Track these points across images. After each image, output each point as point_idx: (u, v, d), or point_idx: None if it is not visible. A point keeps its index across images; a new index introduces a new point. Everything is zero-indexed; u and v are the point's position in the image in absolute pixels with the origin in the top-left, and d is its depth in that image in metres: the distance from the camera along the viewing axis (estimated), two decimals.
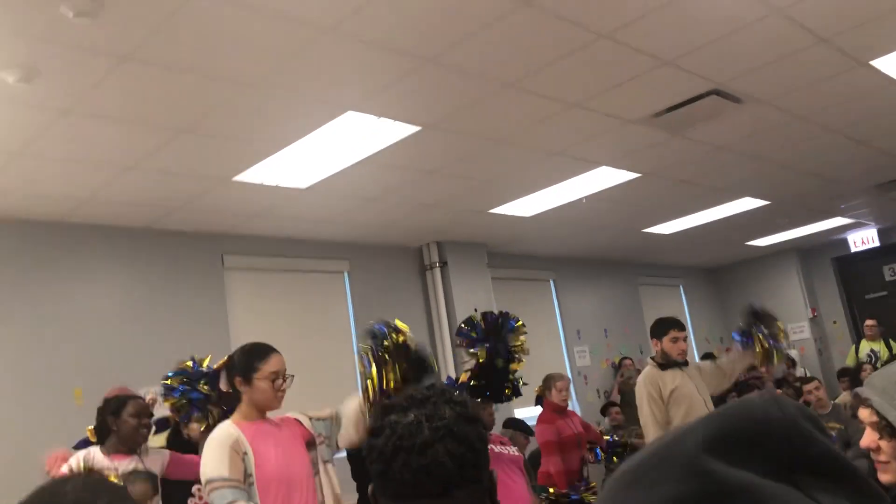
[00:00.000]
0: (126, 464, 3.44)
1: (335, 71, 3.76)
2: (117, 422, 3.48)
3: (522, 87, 4.23)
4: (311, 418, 2.93)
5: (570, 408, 5.76)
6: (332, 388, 6.59)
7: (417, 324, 7.45)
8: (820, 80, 4.73)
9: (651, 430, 4.27)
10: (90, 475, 1.26)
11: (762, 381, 9.62)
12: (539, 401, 5.65)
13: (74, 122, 3.89)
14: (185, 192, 5.15)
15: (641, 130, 5.17)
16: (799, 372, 9.83)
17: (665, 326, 4.48)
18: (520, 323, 3.79)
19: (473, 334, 3.68)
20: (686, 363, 4.52)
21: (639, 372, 8.89)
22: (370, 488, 1.27)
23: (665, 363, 4.37)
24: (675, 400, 4.23)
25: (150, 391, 4.09)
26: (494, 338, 3.71)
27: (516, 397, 3.85)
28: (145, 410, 3.62)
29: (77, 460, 3.41)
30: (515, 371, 3.76)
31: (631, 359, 9.07)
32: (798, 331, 10.81)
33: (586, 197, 6.56)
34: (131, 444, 3.49)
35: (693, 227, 8.43)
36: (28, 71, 3.30)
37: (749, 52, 4.18)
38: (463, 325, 3.77)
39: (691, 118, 4.99)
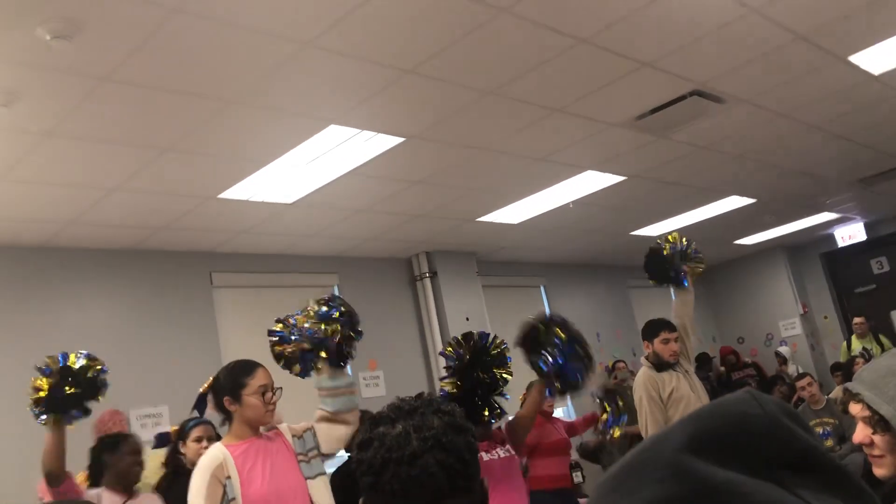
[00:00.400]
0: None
1: (316, 85, 3.76)
2: (114, 458, 3.46)
3: (504, 94, 4.24)
4: (292, 436, 2.91)
5: (563, 413, 5.75)
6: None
7: (409, 334, 7.43)
8: (800, 78, 4.76)
9: (651, 431, 4.27)
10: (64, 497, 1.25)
11: (752, 379, 9.67)
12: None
13: (56, 145, 3.87)
14: (171, 211, 5.12)
15: (625, 133, 5.18)
16: (791, 369, 9.86)
17: (656, 328, 4.50)
18: (498, 340, 3.67)
19: (458, 361, 3.54)
20: (678, 363, 4.53)
21: (633, 374, 8.91)
22: (361, 502, 1.26)
23: (658, 364, 4.38)
24: (673, 401, 4.24)
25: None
26: (477, 360, 3.58)
27: (497, 419, 3.71)
28: (139, 449, 3.61)
29: None
30: (499, 390, 3.62)
31: (624, 361, 9.07)
32: (790, 327, 10.85)
33: (573, 202, 6.57)
34: (126, 483, 3.47)
35: (681, 228, 8.44)
36: (7, 95, 3.28)
37: (728, 52, 4.21)
38: (449, 349, 3.62)
39: (674, 120, 5.01)
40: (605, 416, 4.38)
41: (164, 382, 5.61)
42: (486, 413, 3.50)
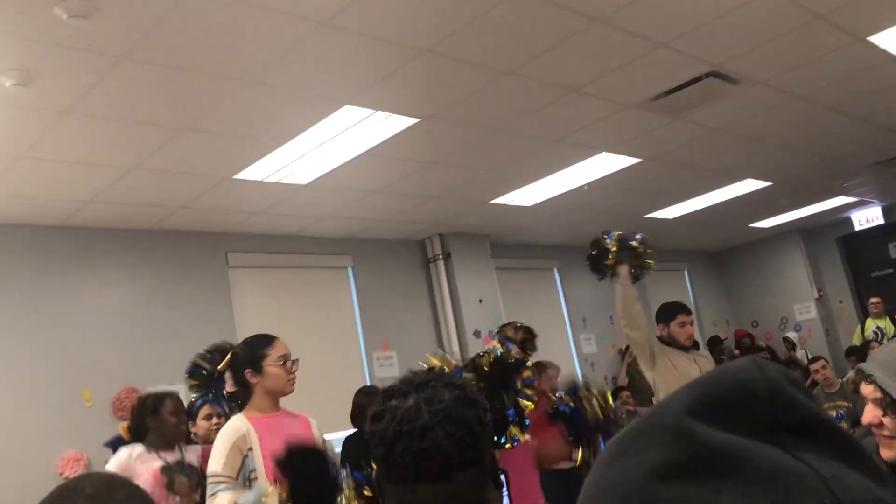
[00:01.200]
0: (170, 458, 3.48)
1: (331, 65, 3.77)
2: (156, 420, 3.49)
3: (519, 75, 4.23)
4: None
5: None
6: (338, 382, 6.62)
7: (422, 317, 7.47)
8: (818, 58, 4.72)
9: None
10: (106, 473, 1.30)
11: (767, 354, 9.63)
12: None
13: (74, 124, 3.90)
14: (187, 191, 5.16)
15: (640, 115, 5.16)
16: (800, 354, 9.83)
17: (672, 311, 4.46)
18: (529, 364, 3.63)
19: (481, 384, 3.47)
20: (697, 346, 4.50)
21: None
22: (374, 472, 1.28)
23: (671, 346, 4.37)
24: (677, 383, 4.23)
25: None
26: (503, 386, 3.53)
27: (511, 445, 3.54)
28: (182, 407, 3.62)
29: (119, 458, 3.43)
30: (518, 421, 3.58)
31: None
32: (804, 311, 10.80)
33: (588, 184, 6.56)
34: (172, 441, 3.52)
35: (695, 211, 8.42)
36: (26, 74, 3.31)
37: (745, 33, 4.17)
38: (469, 376, 3.45)
39: (689, 101, 4.98)
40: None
41: (179, 361, 5.65)
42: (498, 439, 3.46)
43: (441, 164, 5.51)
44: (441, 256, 7.48)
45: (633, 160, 6.16)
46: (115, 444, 3.62)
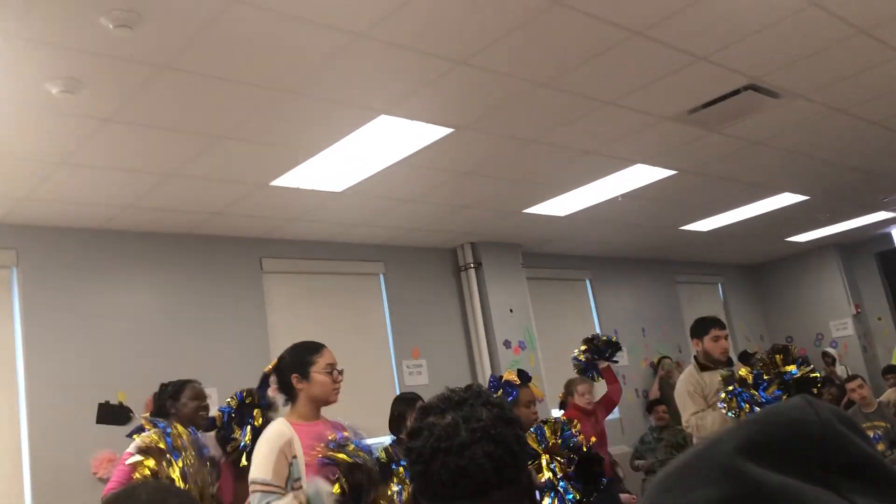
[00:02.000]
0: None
1: (367, 76, 3.79)
2: (176, 405, 3.49)
3: (555, 87, 4.22)
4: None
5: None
6: (369, 388, 6.64)
7: (453, 325, 7.47)
8: (859, 72, 4.64)
9: (693, 426, 4.22)
10: (160, 481, 1.31)
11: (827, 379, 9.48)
12: (562, 406, 5.61)
13: (115, 131, 3.97)
14: (224, 197, 5.23)
15: (676, 127, 5.12)
16: (839, 370, 9.65)
17: (706, 325, 4.42)
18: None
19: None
20: (731, 361, 4.46)
21: (679, 368, 8.83)
22: (411, 488, 1.28)
23: (707, 363, 4.32)
24: (714, 403, 4.18)
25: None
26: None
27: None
28: (202, 395, 3.61)
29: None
30: None
31: (670, 357, 8.99)
32: (841, 327, 10.61)
33: (622, 195, 6.52)
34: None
35: (731, 224, 8.32)
36: (71, 82, 3.38)
37: (786, 46, 4.13)
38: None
39: (727, 114, 4.93)
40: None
41: (213, 365, 5.74)
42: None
43: (475, 174, 5.52)
44: (472, 265, 7.48)
45: (668, 172, 6.11)
46: (137, 434, 3.63)
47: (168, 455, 2.71)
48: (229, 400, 3.80)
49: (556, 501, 3.46)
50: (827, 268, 10.76)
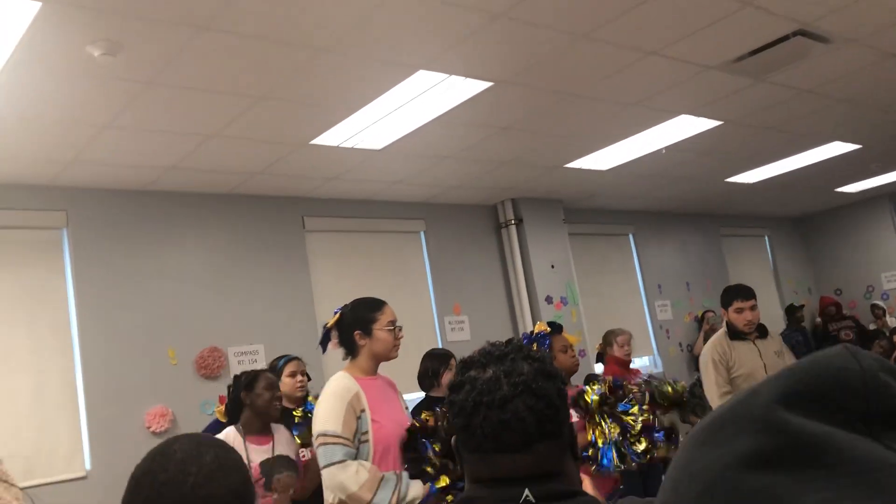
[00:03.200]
0: (264, 451, 3.35)
1: (405, 31, 3.75)
2: (251, 396, 3.42)
3: (597, 38, 4.13)
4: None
5: (649, 362, 5.60)
6: (410, 345, 6.71)
7: (494, 282, 7.47)
8: None
9: (715, 398, 4.06)
10: (195, 434, 1.35)
11: (851, 332, 9.32)
12: (600, 358, 5.55)
13: (157, 93, 4.01)
14: (265, 157, 5.26)
15: (722, 76, 4.99)
16: (890, 322, 9.47)
17: (730, 296, 4.24)
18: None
19: None
20: (763, 330, 4.25)
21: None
22: (453, 441, 1.30)
23: (734, 332, 4.18)
24: (736, 375, 4.03)
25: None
26: None
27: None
28: (276, 385, 3.57)
29: None
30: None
31: (713, 311, 8.91)
32: (893, 279, 10.37)
33: (666, 148, 6.40)
34: (265, 419, 3.43)
35: (779, 175, 8.13)
36: (112, 45, 3.41)
37: None
38: None
39: (775, 61, 4.78)
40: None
41: (259, 322, 5.85)
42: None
43: (514, 129, 5.46)
44: (513, 221, 7.45)
45: (713, 123, 5.98)
46: (213, 430, 3.58)
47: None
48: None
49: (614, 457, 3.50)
50: (878, 219, 10.49)
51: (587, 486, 2.06)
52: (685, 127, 5.97)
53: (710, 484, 0.45)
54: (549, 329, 3.96)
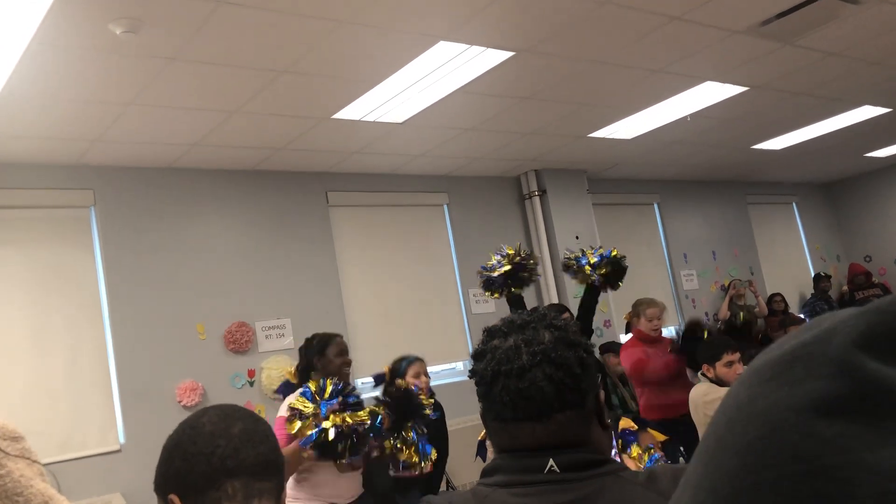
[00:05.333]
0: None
1: (425, 1, 3.72)
2: (322, 360, 3.51)
3: (619, 3, 4.07)
4: None
5: (674, 332, 5.46)
6: (435, 318, 6.74)
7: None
8: None
9: None
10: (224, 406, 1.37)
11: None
12: (629, 328, 5.43)
13: (179, 70, 4.02)
14: (288, 132, 5.27)
15: (748, 41, 4.90)
16: None
17: (716, 350, 3.99)
18: None
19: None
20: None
21: (753, 287, 8.62)
22: (480, 409, 1.31)
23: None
24: None
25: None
26: None
27: None
28: (346, 350, 3.65)
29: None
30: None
31: (740, 279, 8.85)
32: None
33: (691, 115, 6.32)
34: None
35: (806, 141, 7.99)
36: (134, 22, 3.42)
37: None
38: None
39: (803, 24, 4.68)
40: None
41: (286, 296, 5.91)
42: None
43: (537, 99, 5.42)
44: (537, 193, 7.41)
45: (739, 89, 5.88)
46: (284, 391, 3.64)
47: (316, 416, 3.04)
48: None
49: None
50: None
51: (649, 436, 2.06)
52: (710, 93, 5.88)
53: (774, 427, 0.41)
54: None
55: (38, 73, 3.81)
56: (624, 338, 5.71)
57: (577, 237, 7.40)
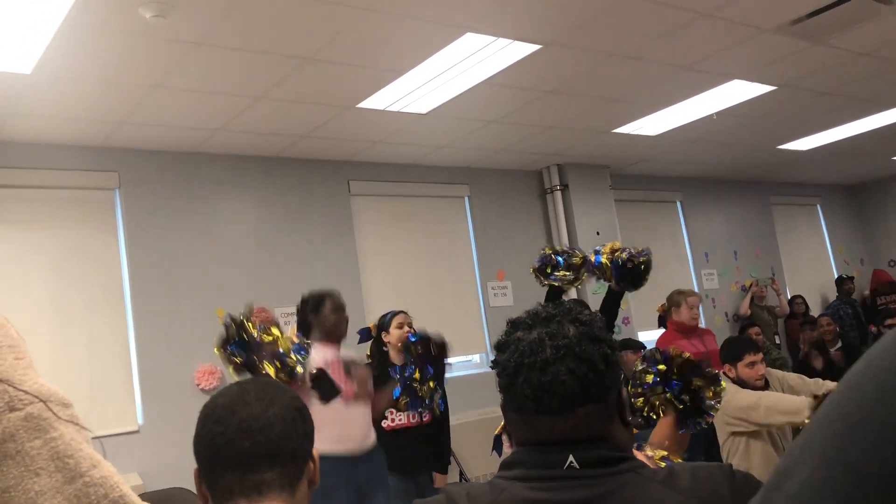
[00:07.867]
0: (336, 353, 3.66)
1: None
2: (318, 318, 3.65)
3: None
4: None
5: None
6: (453, 310, 6.74)
7: (538, 248, 7.40)
8: None
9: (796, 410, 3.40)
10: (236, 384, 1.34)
11: None
12: (662, 322, 5.42)
13: (205, 55, 4.04)
14: (311, 120, 5.28)
15: (778, 39, 4.84)
16: None
17: (738, 349, 3.82)
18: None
19: None
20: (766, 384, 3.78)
21: (775, 285, 8.54)
22: (501, 400, 1.31)
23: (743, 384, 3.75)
24: (756, 433, 3.58)
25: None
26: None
27: None
28: (342, 305, 3.76)
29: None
30: None
31: (762, 279, 8.78)
32: None
33: (717, 113, 6.26)
34: (335, 338, 3.67)
35: (834, 142, 7.90)
36: (163, 6, 3.43)
37: None
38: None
39: (835, 23, 4.61)
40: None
41: (305, 283, 5.90)
42: None
43: (562, 93, 5.39)
44: (559, 187, 7.38)
45: (767, 88, 5.81)
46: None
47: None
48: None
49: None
50: None
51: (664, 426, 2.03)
52: (737, 92, 5.82)
53: None
54: None
55: (68, 54, 3.84)
56: (656, 333, 5.69)
57: (597, 233, 7.37)
